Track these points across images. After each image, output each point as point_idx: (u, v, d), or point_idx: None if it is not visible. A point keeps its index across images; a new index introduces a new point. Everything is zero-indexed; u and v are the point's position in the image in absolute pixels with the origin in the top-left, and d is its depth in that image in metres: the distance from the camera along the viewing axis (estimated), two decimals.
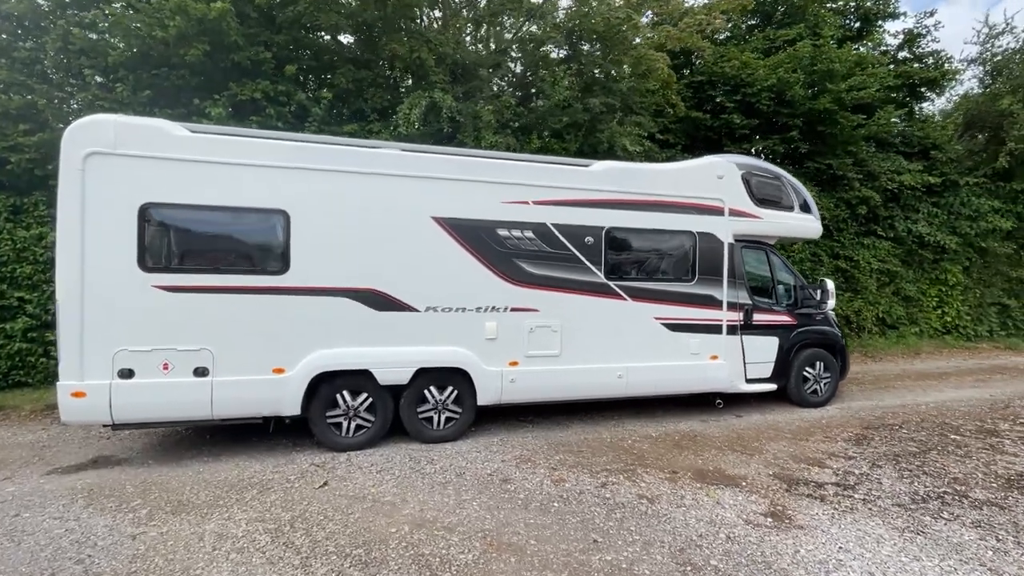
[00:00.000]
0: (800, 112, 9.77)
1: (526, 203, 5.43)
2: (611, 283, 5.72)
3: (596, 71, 8.02)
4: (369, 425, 5.06)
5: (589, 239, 5.63)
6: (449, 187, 5.20)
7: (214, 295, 4.57)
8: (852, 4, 11.96)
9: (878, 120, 10.37)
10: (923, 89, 12.29)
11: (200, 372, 4.53)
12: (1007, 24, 11.76)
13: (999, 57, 11.71)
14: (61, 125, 7.23)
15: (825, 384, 6.84)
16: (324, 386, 4.87)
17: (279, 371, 4.74)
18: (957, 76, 12.07)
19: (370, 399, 5.03)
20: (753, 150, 10.26)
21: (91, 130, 4.33)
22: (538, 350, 5.47)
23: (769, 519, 3.60)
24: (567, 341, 5.55)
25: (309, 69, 8.09)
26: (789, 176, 6.71)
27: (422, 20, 8.62)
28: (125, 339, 4.37)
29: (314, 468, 4.55)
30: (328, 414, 4.94)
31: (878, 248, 11.27)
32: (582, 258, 5.61)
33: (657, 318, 5.91)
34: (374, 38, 8.18)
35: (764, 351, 6.50)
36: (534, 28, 8.24)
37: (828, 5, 11.57)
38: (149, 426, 4.75)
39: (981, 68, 12.08)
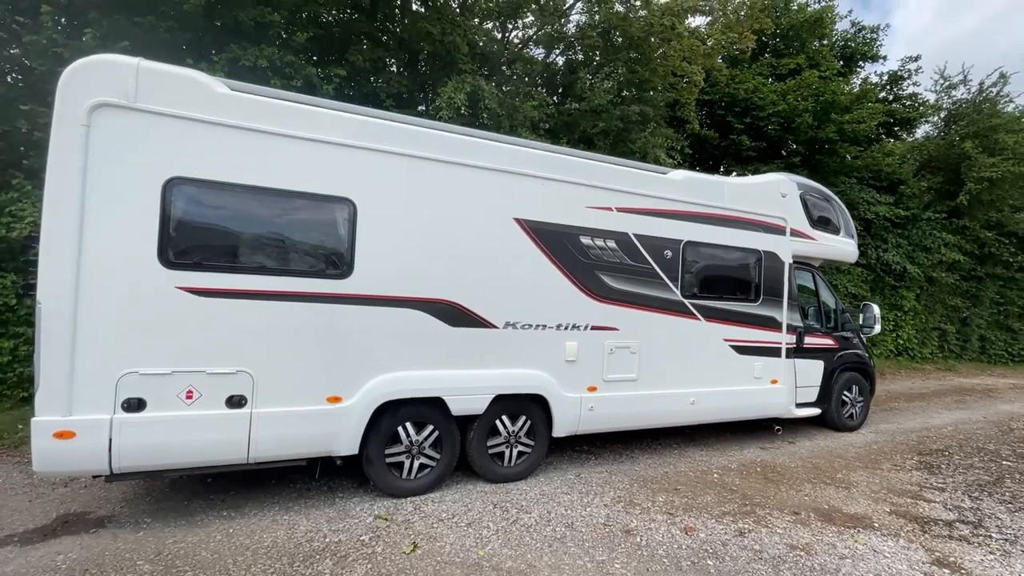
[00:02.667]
0: (803, 139, 10.16)
1: (609, 209, 4.88)
2: (687, 301, 5.29)
3: (630, 76, 7.67)
4: (433, 464, 4.20)
5: (668, 253, 5.18)
6: (534, 186, 4.51)
7: (256, 302, 3.54)
8: (839, 43, 12.82)
9: (873, 154, 11.06)
10: (897, 128, 13.43)
11: (236, 402, 3.47)
12: (963, 75, 13.27)
13: (955, 106, 13.07)
14: None
15: (859, 407, 6.87)
16: (385, 418, 3.96)
17: (335, 400, 3.77)
18: (929, 118, 13.33)
19: (436, 432, 4.18)
20: (754, 173, 10.52)
21: (103, 73, 3.19)
22: (617, 374, 4.89)
23: (945, 570, 3.27)
24: (644, 364, 5.02)
25: (318, 41, 7.00)
26: (837, 199, 6.72)
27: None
28: (135, 358, 3.24)
29: (381, 522, 3.63)
30: (388, 451, 4.03)
31: (852, 274, 11.96)
32: (661, 273, 5.13)
33: (726, 340, 5.56)
34: (391, 14, 7.29)
35: (812, 375, 6.39)
36: (567, 26, 7.77)
37: (817, 42, 12.26)
38: (159, 475, 3.55)
39: (937, 116, 13.42)
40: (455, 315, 4.17)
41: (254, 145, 3.55)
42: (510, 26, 8.28)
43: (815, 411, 6.41)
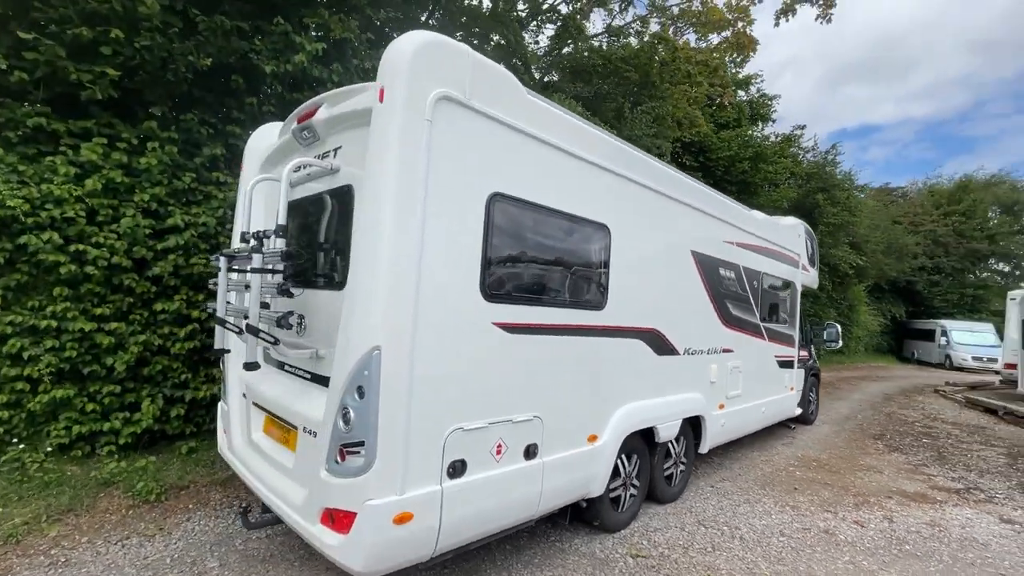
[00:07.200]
0: (736, 180, 12.22)
1: (732, 244, 5.44)
2: (761, 324, 6.14)
3: (655, 110, 8.33)
4: (636, 494, 4.20)
5: (755, 283, 5.96)
6: (699, 220, 4.83)
7: (546, 337, 3.19)
8: (746, 102, 15.65)
9: (781, 195, 13.81)
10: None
11: (531, 452, 3.07)
12: (814, 143, 17.84)
13: (809, 167, 17.19)
14: None
15: (814, 405, 8.68)
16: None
17: (593, 439, 3.57)
18: (801, 174, 17.21)
19: (638, 461, 4.20)
20: None
21: (445, 59, 2.56)
22: (733, 391, 5.47)
23: (1008, 525, 4.58)
24: (744, 380, 5.70)
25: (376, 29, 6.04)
26: (815, 236, 8.40)
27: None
28: (459, 411, 2.67)
29: (644, 560, 3.56)
30: (611, 486, 3.91)
31: None
32: (752, 300, 5.88)
33: (775, 356, 6.60)
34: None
35: (801, 381, 7.89)
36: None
37: (731, 101, 14.84)
38: (462, 551, 2.86)
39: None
40: (659, 344, 4.25)
41: (551, 162, 3.18)
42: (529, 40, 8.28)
43: (800, 411, 7.94)
